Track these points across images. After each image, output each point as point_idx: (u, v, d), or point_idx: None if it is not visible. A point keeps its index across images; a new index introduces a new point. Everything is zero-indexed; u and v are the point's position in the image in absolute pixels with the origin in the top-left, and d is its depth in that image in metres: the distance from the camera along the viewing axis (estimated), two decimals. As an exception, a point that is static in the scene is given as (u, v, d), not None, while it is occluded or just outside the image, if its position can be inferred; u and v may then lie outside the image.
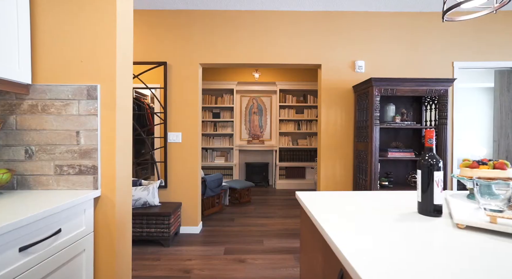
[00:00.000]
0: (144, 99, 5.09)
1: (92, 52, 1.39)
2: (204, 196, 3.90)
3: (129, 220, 1.56)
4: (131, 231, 1.55)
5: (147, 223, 2.86)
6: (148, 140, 4.09)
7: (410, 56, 3.31)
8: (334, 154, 3.34)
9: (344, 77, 3.33)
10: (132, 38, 1.59)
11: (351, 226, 0.92)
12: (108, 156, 1.37)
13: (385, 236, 0.82)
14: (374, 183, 2.80)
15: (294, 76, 6.11)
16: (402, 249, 0.72)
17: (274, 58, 3.32)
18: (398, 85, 2.78)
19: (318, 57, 3.33)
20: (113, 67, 1.38)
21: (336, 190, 3.33)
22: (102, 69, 1.37)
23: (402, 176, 3.24)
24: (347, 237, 0.81)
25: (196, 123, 3.32)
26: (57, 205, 1.09)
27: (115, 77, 1.37)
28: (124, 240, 1.50)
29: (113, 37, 1.39)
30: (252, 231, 3.41)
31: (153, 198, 3.07)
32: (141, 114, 4.45)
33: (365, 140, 2.97)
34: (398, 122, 2.91)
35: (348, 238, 0.80)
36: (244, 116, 6.41)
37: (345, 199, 1.35)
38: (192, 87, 3.32)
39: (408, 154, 2.93)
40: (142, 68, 3.28)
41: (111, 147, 1.37)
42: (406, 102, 3.23)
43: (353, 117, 3.33)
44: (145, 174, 5.33)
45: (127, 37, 1.52)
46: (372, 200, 1.34)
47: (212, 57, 3.32)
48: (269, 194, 5.53)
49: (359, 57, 3.32)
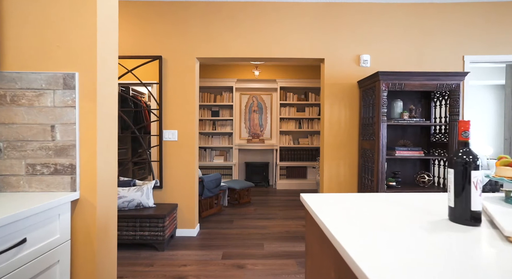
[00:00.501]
0: (142, 98, 4.92)
1: (70, 37, 1.22)
2: (202, 196, 3.73)
3: (114, 225, 1.40)
4: (116, 237, 1.39)
5: (140, 226, 2.69)
6: (145, 138, 3.93)
7: (418, 50, 3.14)
8: (338, 153, 3.17)
9: (349, 72, 3.16)
10: (116, 22, 1.42)
11: (372, 237, 0.75)
12: (88, 153, 1.20)
13: (416, 251, 0.65)
14: (381, 183, 2.64)
15: (295, 73, 5.95)
16: (444, 271, 0.55)
17: (275, 52, 3.15)
18: (407, 80, 2.61)
19: (321, 51, 3.16)
20: (93, 53, 1.21)
21: (340, 190, 3.16)
22: (81, 56, 1.20)
23: (410, 175, 3.07)
24: (368, 252, 0.64)
25: (193, 120, 3.16)
26: (21, 210, 0.92)
27: (95, 64, 1.20)
28: (108, 248, 1.33)
29: (93, 18, 1.23)
30: (252, 233, 3.24)
31: (147, 199, 2.91)
32: (138, 113, 4.29)
33: (371, 137, 2.81)
34: (407, 119, 2.75)
35: (370, 254, 0.63)
36: (243, 115, 6.24)
37: (359, 202, 1.18)
38: (189, 83, 3.15)
39: (416, 152, 2.76)
40: (136, 62, 3.11)
41: (92, 143, 1.20)
42: (414, 98, 3.06)
43: (358, 114, 3.17)
44: (142, 173, 5.17)
45: (111, 21, 1.36)
46: (390, 203, 1.17)
47: (210, 51, 3.15)
48: (269, 194, 5.36)
49: (364, 51, 3.16)
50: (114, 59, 1.38)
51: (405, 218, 0.94)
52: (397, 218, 0.94)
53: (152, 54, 3.12)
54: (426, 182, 2.80)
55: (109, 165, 1.33)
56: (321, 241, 1.01)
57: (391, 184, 2.78)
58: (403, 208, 1.08)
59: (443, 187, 2.80)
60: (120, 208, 2.79)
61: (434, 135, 2.99)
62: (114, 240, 1.39)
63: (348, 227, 0.85)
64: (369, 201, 1.22)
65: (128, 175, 4.61)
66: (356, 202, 1.20)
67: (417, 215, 0.98)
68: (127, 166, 4.81)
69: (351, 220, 0.93)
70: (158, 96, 3.13)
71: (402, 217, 0.95)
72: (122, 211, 2.75)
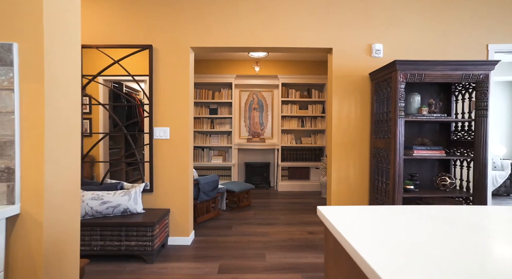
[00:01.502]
0: (136, 95, 4.62)
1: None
2: (198, 200, 3.43)
3: (73, 249, 1.09)
4: (79, 267, 1.08)
5: (126, 235, 2.38)
6: (139, 137, 3.63)
7: (436, 38, 2.84)
8: (347, 153, 2.87)
9: (359, 63, 2.86)
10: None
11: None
12: (33, 153, 0.90)
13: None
14: (398, 186, 2.33)
15: (298, 69, 5.64)
16: None
17: (278, 41, 2.84)
18: (427, 69, 2.30)
19: (329, 40, 2.86)
20: (39, 17, 0.90)
21: (350, 194, 2.85)
22: (21, 21, 0.90)
23: (428, 178, 2.76)
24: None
25: (187, 116, 2.85)
26: None
27: (42, 32, 0.90)
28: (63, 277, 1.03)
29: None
30: (252, 241, 2.94)
31: (135, 204, 2.60)
32: (132, 111, 3.99)
33: (385, 135, 2.50)
34: (426, 115, 2.44)
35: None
36: (243, 113, 5.94)
37: (395, 219, 0.88)
38: (183, 75, 2.84)
39: (437, 152, 2.46)
40: (123, 53, 2.81)
41: (37, 139, 0.90)
42: (431, 92, 2.75)
43: (369, 110, 2.86)
44: (137, 174, 4.87)
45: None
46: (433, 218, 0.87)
47: (206, 40, 2.84)
48: (270, 196, 5.06)
49: (377, 40, 2.85)
50: (74, 26, 1.07)
51: (465, 244, 0.63)
52: (453, 243, 0.64)
53: (141, 43, 2.82)
54: (447, 185, 2.49)
55: (65, 169, 1.02)
56: (351, 272, 0.71)
57: (408, 188, 2.47)
58: (455, 228, 0.78)
59: (467, 190, 2.50)
60: (105, 215, 2.49)
61: (455, 133, 2.69)
62: (74, 271, 1.08)
63: (391, 259, 0.54)
64: (406, 216, 0.92)
65: (121, 177, 4.31)
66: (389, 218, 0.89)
67: (481, 239, 0.67)
68: (121, 167, 4.51)
69: (395, 247, 0.62)
70: (149, 90, 2.82)
71: (461, 244, 0.64)
72: (107, 218, 2.45)
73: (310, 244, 2.87)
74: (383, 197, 2.55)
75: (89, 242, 2.34)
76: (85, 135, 3.03)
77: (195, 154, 5.75)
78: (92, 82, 2.83)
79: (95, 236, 2.35)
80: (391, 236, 0.74)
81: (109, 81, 3.22)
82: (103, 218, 2.45)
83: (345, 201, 2.87)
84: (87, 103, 2.99)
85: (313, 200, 4.75)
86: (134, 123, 3.84)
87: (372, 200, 2.78)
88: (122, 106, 3.76)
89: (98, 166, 3.28)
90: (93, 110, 3.14)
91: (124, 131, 2.87)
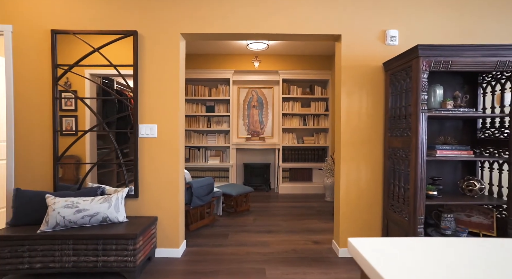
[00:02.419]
0: (129, 92, 4.29)
1: None
2: (190, 205, 3.09)
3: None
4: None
5: (103, 249, 2.05)
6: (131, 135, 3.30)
7: (461, 23, 2.51)
8: (358, 153, 2.54)
9: (371, 52, 2.53)
10: None
11: None
12: None
13: None
14: (420, 192, 2.00)
15: (300, 64, 5.31)
16: None
17: (279, 27, 2.51)
18: (455, 56, 1.97)
19: (337, 25, 2.53)
20: None
21: (361, 199, 2.53)
22: None
23: (450, 181, 2.44)
24: None
25: (177, 112, 2.52)
26: None
27: None
28: None
29: None
30: (251, 253, 2.61)
31: (116, 212, 2.27)
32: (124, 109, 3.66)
33: (404, 133, 2.18)
34: (451, 110, 2.11)
35: None
36: (242, 111, 5.61)
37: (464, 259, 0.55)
38: (172, 65, 2.51)
39: (464, 152, 2.13)
40: (104, 40, 2.47)
41: None
42: (454, 83, 2.42)
43: (383, 105, 2.54)
44: (130, 176, 4.54)
45: None
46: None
47: (198, 26, 2.51)
48: (271, 199, 4.73)
49: (392, 26, 2.52)
50: None
51: None
52: None
53: (124, 28, 2.48)
54: (476, 190, 2.16)
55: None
56: None
57: (430, 194, 2.14)
58: None
59: (499, 197, 2.17)
60: (80, 225, 2.16)
61: (482, 131, 2.36)
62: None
63: None
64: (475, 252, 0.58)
65: (112, 179, 3.97)
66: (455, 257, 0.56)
67: None
68: (112, 168, 4.17)
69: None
70: (133, 82, 2.49)
71: None
72: (83, 229, 2.11)
73: (316, 257, 2.54)
74: (400, 203, 2.22)
75: (60, 258, 2.01)
76: (70, 135, 2.69)
77: (191, 154, 5.41)
78: (79, 78, 2.50)
79: (67, 251, 2.01)
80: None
81: (96, 77, 2.88)
82: (78, 229, 2.12)
83: (356, 208, 2.54)
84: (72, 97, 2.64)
85: (316, 204, 4.42)
86: (126, 121, 3.51)
87: (386, 207, 2.45)
88: (112, 103, 3.42)
89: (85, 168, 2.95)
90: (80, 108, 2.81)
91: (105, 128, 2.54)
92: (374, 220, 2.54)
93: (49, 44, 2.44)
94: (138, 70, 2.49)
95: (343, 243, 2.55)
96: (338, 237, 2.60)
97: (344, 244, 2.55)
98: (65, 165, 2.67)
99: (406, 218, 2.12)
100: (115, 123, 2.88)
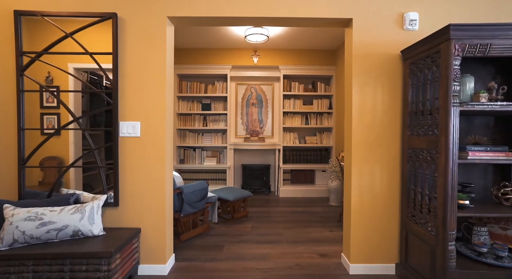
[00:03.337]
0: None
1: None
2: (181, 213, 2.75)
3: None
4: None
5: (71, 270, 1.71)
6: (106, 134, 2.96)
7: (498, 4, 2.18)
8: (372, 154, 2.20)
9: (388, 38, 2.20)
10: None
11: None
12: None
13: None
14: (451, 202, 1.67)
15: (301, 59, 4.97)
16: None
17: (280, 9, 2.18)
18: (496, 37, 1.64)
19: (348, 7, 2.19)
20: None
21: (376, 206, 2.19)
22: None
23: (481, 187, 2.10)
24: None
25: (164, 108, 2.19)
26: None
27: None
28: None
29: None
30: (249, 269, 2.27)
31: (90, 224, 1.93)
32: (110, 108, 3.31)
33: (428, 131, 1.84)
34: (486, 103, 1.77)
35: None
36: (240, 109, 5.27)
37: None
38: (158, 54, 2.18)
39: (501, 154, 1.79)
40: (79, 23, 2.13)
41: None
42: (484, 74, 2.09)
43: (400, 98, 2.20)
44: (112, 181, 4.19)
45: None
46: None
47: (187, 8, 2.17)
48: (271, 204, 4.39)
49: (410, 7, 2.19)
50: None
51: None
52: None
53: (102, 10, 2.14)
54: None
55: None
56: None
57: (461, 203, 1.80)
58: None
59: (542, 207, 1.83)
60: (45, 241, 1.81)
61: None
62: None
63: None
64: None
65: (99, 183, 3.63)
66: None
67: None
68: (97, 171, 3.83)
69: None
70: (113, 73, 2.15)
71: None
72: (48, 245, 1.77)
73: (323, 274, 2.20)
74: (424, 214, 1.88)
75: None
76: (52, 134, 2.34)
77: (186, 155, 5.07)
78: (62, 73, 2.16)
79: (25, 273, 1.67)
80: None
81: (82, 72, 2.54)
82: (42, 245, 1.78)
83: (369, 216, 2.20)
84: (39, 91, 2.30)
85: (320, 209, 4.09)
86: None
87: (405, 216, 2.11)
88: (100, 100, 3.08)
89: (69, 171, 2.61)
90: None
91: (80, 126, 2.20)
92: (391, 231, 2.21)
93: (12, 27, 2.09)
94: (118, 59, 2.15)
95: (355, 258, 2.22)
96: (348, 250, 2.26)
97: (356, 259, 2.22)
98: (47, 168, 2.35)
99: (432, 232, 1.79)
100: (103, 122, 2.54)
